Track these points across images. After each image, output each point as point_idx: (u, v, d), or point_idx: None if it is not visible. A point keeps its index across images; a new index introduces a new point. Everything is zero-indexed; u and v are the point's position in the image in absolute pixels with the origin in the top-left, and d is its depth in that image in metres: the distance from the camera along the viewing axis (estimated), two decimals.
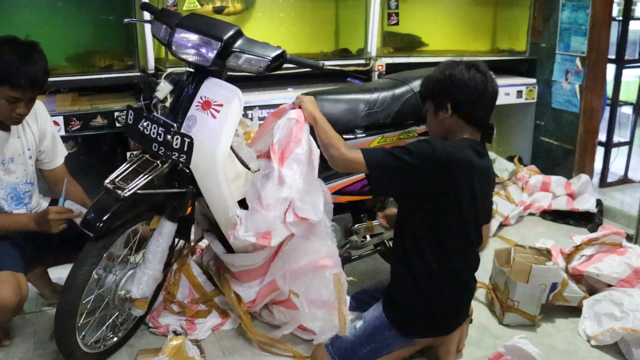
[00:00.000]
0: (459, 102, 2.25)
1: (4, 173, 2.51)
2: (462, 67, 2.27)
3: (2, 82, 2.27)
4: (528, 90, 4.62)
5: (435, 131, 2.38)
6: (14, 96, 2.31)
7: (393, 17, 4.09)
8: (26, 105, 2.38)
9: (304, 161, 2.38)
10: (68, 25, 3.44)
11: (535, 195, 4.27)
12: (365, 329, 2.37)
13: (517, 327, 2.82)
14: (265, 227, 2.30)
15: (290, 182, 2.33)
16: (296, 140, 2.38)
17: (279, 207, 2.31)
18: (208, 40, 2.25)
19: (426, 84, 2.38)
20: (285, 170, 2.34)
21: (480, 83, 2.25)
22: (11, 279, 2.34)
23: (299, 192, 2.33)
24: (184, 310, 2.76)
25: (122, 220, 2.23)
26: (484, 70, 2.28)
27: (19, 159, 2.55)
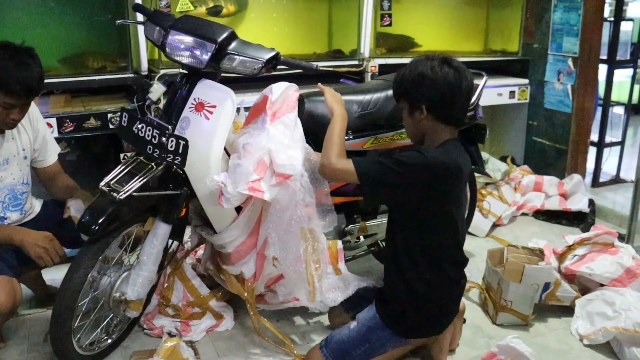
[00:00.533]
0: (433, 103, 2.22)
1: (1, 175, 2.50)
2: (435, 64, 2.21)
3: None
4: (520, 91, 4.64)
5: (412, 132, 2.37)
6: (9, 102, 2.30)
7: (386, 18, 4.10)
8: (20, 110, 2.38)
9: (292, 126, 2.40)
10: (61, 27, 3.43)
11: (528, 196, 4.29)
12: (359, 329, 2.38)
13: (510, 326, 2.84)
14: (252, 177, 2.25)
15: (272, 135, 2.32)
16: (290, 106, 2.42)
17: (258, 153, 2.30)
18: (202, 42, 2.25)
19: (399, 82, 2.32)
20: (271, 128, 2.34)
21: (454, 80, 2.19)
22: (5, 283, 2.33)
23: (278, 145, 2.31)
24: (178, 313, 2.76)
25: (117, 223, 2.23)
26: (457, 65, 2.23)
27: (14, 160, 2.55)
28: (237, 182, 2.25)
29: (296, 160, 2.32)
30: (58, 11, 3.40)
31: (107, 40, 3.58)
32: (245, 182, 2.23)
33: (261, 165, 2.27)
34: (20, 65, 2.29)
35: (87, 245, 2.23)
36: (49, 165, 2.73)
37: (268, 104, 2.38)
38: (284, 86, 2.43)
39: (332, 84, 3.93)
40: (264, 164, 2.27)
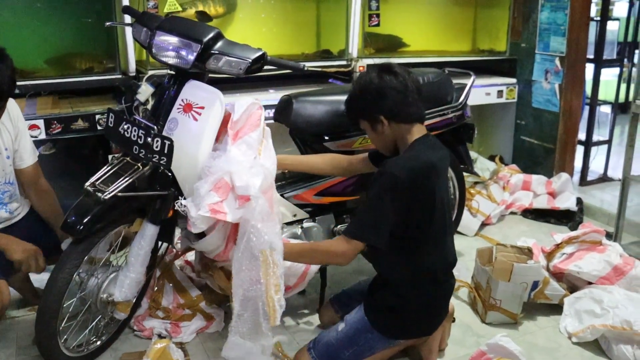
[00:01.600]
0: (388, 110, 2.25)
1: None
2: (373, 76, 2.26)
3: None
4: (508, 90, 4.65)
5: (383, 145, 2.37)
6: None
7: (374, 18, 4.11)
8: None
9: (255, 146, 2.35)
10: (48, 28, 3.42)
11: (517, 194, 4.30)
12: (347, 331, 2.37)
13: (500, 325, 2.84)
14: (214, 199, 2.18)
15: (233, 156, 2.26)
16: (253, 124, 2.37)
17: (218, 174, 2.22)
18: (188, 42, 2.24)
19: (350, 106, 2.38)
20: (233, 148, 2.29)
21: (398, 84, 2.23)
22: None
23: (238, 167, 2.23)
24: (168, 315, 2.75)
25: (103, 223, 2.21)
26: (397, 69, 2.27)
27: None
28: (199, 204, 2.18)
29: (255, 182, 2.23)
30: (45, 12, 3.38)
31: (94, 41, 3.56)
32: (208, 204, 2.16)
33: (223, 187, 2.20)
34: None
35: (72, 245, 2.22)
36: (27, 167, 2.65)
37: (230, 123, 2.33)
38: (247, 104, 2.38)
39: (321, 84, 3.97)
40: (226, 185, 2.21)
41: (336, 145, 2.78)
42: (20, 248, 2.38)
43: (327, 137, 2.77)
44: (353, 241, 2.21)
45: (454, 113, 3.11)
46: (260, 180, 2.26)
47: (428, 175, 2.20)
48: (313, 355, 2.38)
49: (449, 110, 3.08)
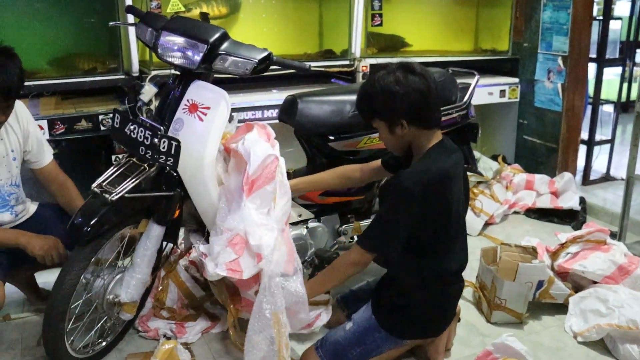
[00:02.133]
0: (412, 115, 2.15)
1: None
2: (400, 76, 2.13)
3: None
4: (511, 90, 4.65)
5: (396, 147, 2.30)
6: None
7: (377, 18, 4.10)
8: (3, 112, 2.33)
9: (269, 200, 2.32)
10: (50, 28, 3.41)
11: (520, 194, 4.30)
12: (355, 331, 2.37)
13: (505, 325, 2.84)
14: (231, 257, 2.19)
15: (247, 214, 2.25)
16: (269, 177, 2.32)
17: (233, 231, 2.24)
18: (194, 43, 2.24)
19: (367, 102, 2.24)
20: (248, 203, 2.27)
21: (424, 86, 2.12)
22: None
23: (252, 225, 2.23)
24: (173, 315, 2.75)
25: (109, 225, 2.21)
26: (420, 70, 2.16)
27: (2, 161, 2.51)
28: (216, 260, 2.19)
29: (269, 241, 2.21)
30: (48, 12, 3.37)
31: (97, 41, 3.55)
32: (225, 263, 2.17)
33: (239, 243, 2.20)
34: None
35: (79, 247, 2.22)
36: (45, 166, 2.69)
37: (245, 177, 2.29)
38: (264, 155, 2.32)
39: (323, 84, 3.97)
40: (242, 241, 2.21)
41: (341, 145, 2.78)
42: (39, 242, 2.38)
43: (332, 137, 2.76)
44: (362, 253, 2.21)
45: (458, 113, 3.10)
46: (273, 238, 2.23)
47: (442, 186, 2.17)
48: (320, 354, 2.37)
49: (453, 110, 3.07)
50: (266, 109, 3.61)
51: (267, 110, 3.60)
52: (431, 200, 2.14)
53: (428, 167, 2.17)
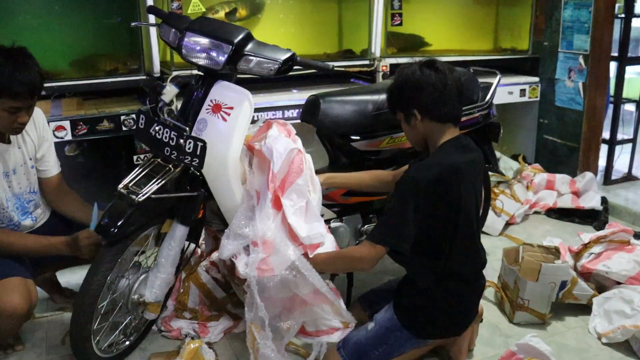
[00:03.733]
0: (423, 105, 2.23)
1: (8, 185, 2.49)
2: (415, 69, 2.24)
3: (1, 94, 2.23)
4: (531, 89, 4.62)
5: (414, 139, 2.37)
6: (14, 106, 2.27)
7: (396, 18, 4.09)
8: (27, 113, 2.34)
9: (304, 192, 2.36)
10: (72, 30, 3.44)
11: (541, 194, 4.27)
12: (377, 330, 2.36)
13: (527, 325, 2.83)
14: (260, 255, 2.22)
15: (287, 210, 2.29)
16: (297, 171, 2.35)
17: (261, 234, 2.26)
18: (219, 43, 2.24)
19: (389, 96, 2.37)
20: (285, 200, 2.30)
21: (438, 80, 2.21)
22: (21, 285, 2.33)
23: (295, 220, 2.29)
24: (195, 315, 2.76)
25: (136, 225, 2.22)
26: (439, 66, 2.24)
27: (21, 169, 2.52)
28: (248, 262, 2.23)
29: (319, 228, 2.33)
30: (70, 14, 3.40)
31: (119, 42, 3.58)
32: (256, 268, 2.19)
33: (266, 243, 2.24)
34: (19, 67, 2.24)
35: (105, 248, 2.23)
36: (52, 177, 2.66)
37: (271, 176, 2.29)
38: (285, 151, 2.33)
39: (343, 84, 3.97)
40: (268, 242, 2.24)
41: (363, 145, 2.78)
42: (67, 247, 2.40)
43: (354, 137, 2.76)
44: (376, 246, 2.20)
45: (480, 112, 3.09)
46: (324, 226, 2.35)
47: (451, 181, 2.17)
48: (342, 355, 2.37)
49: (475, 110, 3.06)
50: (286, 109, 3.61)
51: (287, 111, 3.61)
52: (440, 193, 2.16)
53: (439, 160, 2.22)
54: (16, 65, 2.24)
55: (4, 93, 2.23)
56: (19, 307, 2.29)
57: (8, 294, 2.28)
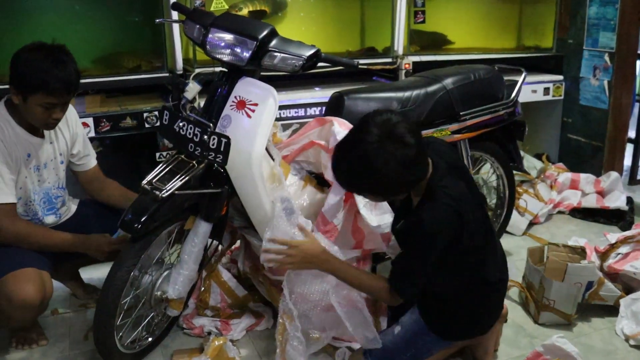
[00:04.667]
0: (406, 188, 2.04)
1: (38, 179, 2.52)
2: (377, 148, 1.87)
3: (38, 89, 2.26)
4: (555, 87, 4.57)
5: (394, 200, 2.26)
6: (50, 102, 2.30)
7: (419, 15, 4.07)
8: (61, 109, 2.38)
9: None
10: (95, 27, 3.44)
11: (565, 193, 4.22)
12: (404, 335, 2.32)
13: (553, 326, 2.79)
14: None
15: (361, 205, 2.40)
16: None
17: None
18: (243, 39, 2.23)
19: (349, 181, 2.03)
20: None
21: (410, 157, 1.89)
22: (35, 276, 2.35)
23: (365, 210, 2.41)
24: (218, 313, 2.76)
25: (159, 221, 2.22)
26: (400, 132, 1.88)
27: (51, 164, 2.55)
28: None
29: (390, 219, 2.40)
30: (92, 11, 3.40)
31: (141, 39, 3.58)
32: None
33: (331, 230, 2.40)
34: (57, 64, 2.28)
35: (129, 244, 2.23)
36: (90, 169, 2.74)
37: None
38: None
39: (364, 82, 3.94)
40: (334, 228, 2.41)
41: None
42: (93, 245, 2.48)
43: None
44: (397, 296, 2.14)
45: (505, 110, 3.06)
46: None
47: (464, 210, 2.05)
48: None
49: (500, 107, 3.03)
50: (309, 107, 3.60)
51: (309, 108, 3.59)
52: (456, 234, 2.06)
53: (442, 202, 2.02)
54: (55, 62, 2.27)
55: (40, 89, 2.26)
56: (30, 298, 2.31)
57: (21, 284, 2.30)
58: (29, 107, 2.31)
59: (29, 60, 2.27)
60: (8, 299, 2.29)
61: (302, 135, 2.59)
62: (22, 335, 2.62)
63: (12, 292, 2.29)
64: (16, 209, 2.43)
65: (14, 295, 2.28)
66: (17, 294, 2.28)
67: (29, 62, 2.26)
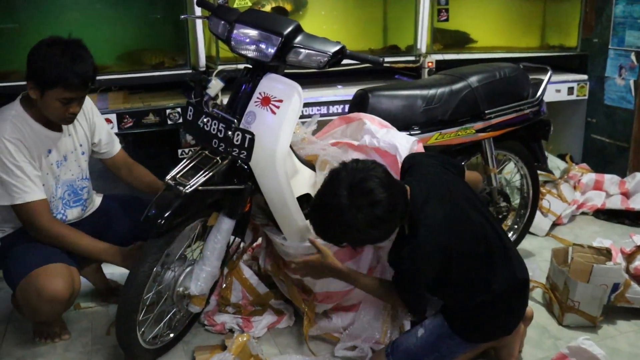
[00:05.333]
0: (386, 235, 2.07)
1: (60, 172, 2.53)
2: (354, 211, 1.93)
3: (56, 84, 2.27)
4: (579, 87, 4.51)
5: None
6: (68, 97, 2.31)
7: (443, 13, 4.04)
8: (78, 103, 2.39)
9: None
10: (119, 24, 3.47)
11: (588, 194, 4.17)
12: (428, 337, 2.29)
13: (577, 328, 2.75)
14: None
15: None
16: None
17: None
18: (268, 35, 2.22)
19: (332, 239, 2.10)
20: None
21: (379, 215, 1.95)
22: (64, 271, 2.38)
23: None
24: (239, 310, 2.75)
25: (182, 217, 2.21)
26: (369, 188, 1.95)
27: (71, 156, 2.57)
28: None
29: None
30: (116, 8, 3.43)
31: (164, 36, 3.61)
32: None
33: None
34: (74, 59, 2.29)
35: (152, 239, 2.23)
36: (116, 155, 2.76)
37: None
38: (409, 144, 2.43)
39: (387, 80, 3.92)
40: None
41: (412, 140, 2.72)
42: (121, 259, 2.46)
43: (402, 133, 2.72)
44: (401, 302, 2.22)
45: (531, 109, 3.02)
46: None
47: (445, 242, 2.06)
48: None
49: (525, 106, 3.00)
50: (331, 105, 3.59)
51: (332, 106, 3.58)
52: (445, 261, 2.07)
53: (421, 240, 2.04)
54: (72, 57, 2.28)
55: (59, 84, 2.27)
56: (60, 292, 2.33)
57: (51, 278, 2.32)
58: (46, 102, 2.32)
59: (47, 55, 2.27)
60: (38, 293, 2.31)
61: (326, 134, 2.58)
62: (45, 329, 2.63)
63: (42, 286, 2.30)
64: (48, 205, 2.43)
65: (43, 290, 2.30)
66: (46, 289, 2.30)
67: (47, 57, 2.27)
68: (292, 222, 2.41)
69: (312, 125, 2.72)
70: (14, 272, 2.41)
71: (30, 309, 2.42)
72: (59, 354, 2.58)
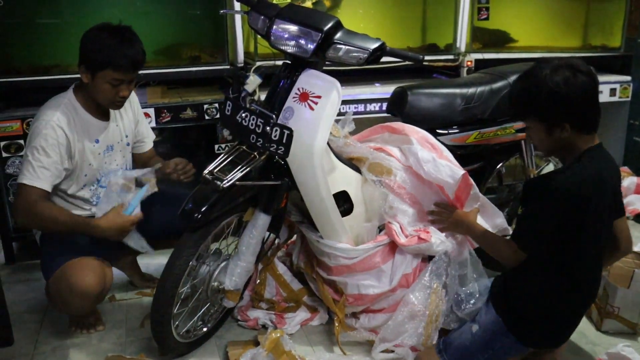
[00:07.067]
0: (578, 119, 2.01)
1: (105, 161, 2.56)
2: (568, 76, 1.96)
3: (106, 65, 2.33)
4: (622, 89, 4.41)
5: (549, 148, 2.16)
6: (118, 78, 2.37)
7: (483, 12, 3.98)
8: (127, 87, 2.44)
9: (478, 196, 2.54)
10: (158, 19, 3.49)
11: (629, 198, 4.08)
12: (483, 335, 2.24)
13: (617, 334, 2.69)
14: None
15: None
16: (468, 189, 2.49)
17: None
18: (308, 31, 2.21)
19: (526, 101, 2.08)
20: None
21: (592, 89, 2.00)
22: (97, 266, 2.41)
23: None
24: (273, 306, 2.75)
25: (219, 212, 2.22)
26: (587, 69, 2.01)
27: (117, 146, 2.61)
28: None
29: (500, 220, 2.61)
30: (155, 4, 3.45)
31: (203, 31, 3.61)
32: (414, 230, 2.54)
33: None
34: (123, 42, 2.36)
35: (189, 233, 2.24)
36: (148, 150, 2.82)
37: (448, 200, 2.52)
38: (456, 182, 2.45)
39: (425, 79, 3.89)
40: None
41: (449, 139, 2.70)
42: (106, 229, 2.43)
43: (440, 131, 2.69)
44: (520, 252, 2.15)
45: None
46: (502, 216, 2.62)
47: (593, 193, 2.02)
48: (444, 358, 2.29)
49: None
50: (369, 103, 3.56)
51: (369, 104, 3.56)
52: (581, 206, 2.01)
53: (583, 171, 2.03)
54: (122, 40, 2.36)
55: (109, 65, 2.33)
56: (91, 287, 2.36)
57: (83, 272, 2.36)
58: (97, 85, 2.38)
59: (97, 38, 2.35)
60: (69, 287, 2.34)
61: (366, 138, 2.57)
62: (80, 320, 2.66)
63: (73, 281, 2.33)
64: (47, 196, 2.41)
65: (75, 284, 2.33)
66: (78, 283, 2.33)
67: (97, 39, 2.35)
68: (328, 218, 2.40)
69: (349, 124, 2.70)
70: (48, 264, 2.44)
71: (61, 301, 2.45)
72: (93, 344, 2.61)
